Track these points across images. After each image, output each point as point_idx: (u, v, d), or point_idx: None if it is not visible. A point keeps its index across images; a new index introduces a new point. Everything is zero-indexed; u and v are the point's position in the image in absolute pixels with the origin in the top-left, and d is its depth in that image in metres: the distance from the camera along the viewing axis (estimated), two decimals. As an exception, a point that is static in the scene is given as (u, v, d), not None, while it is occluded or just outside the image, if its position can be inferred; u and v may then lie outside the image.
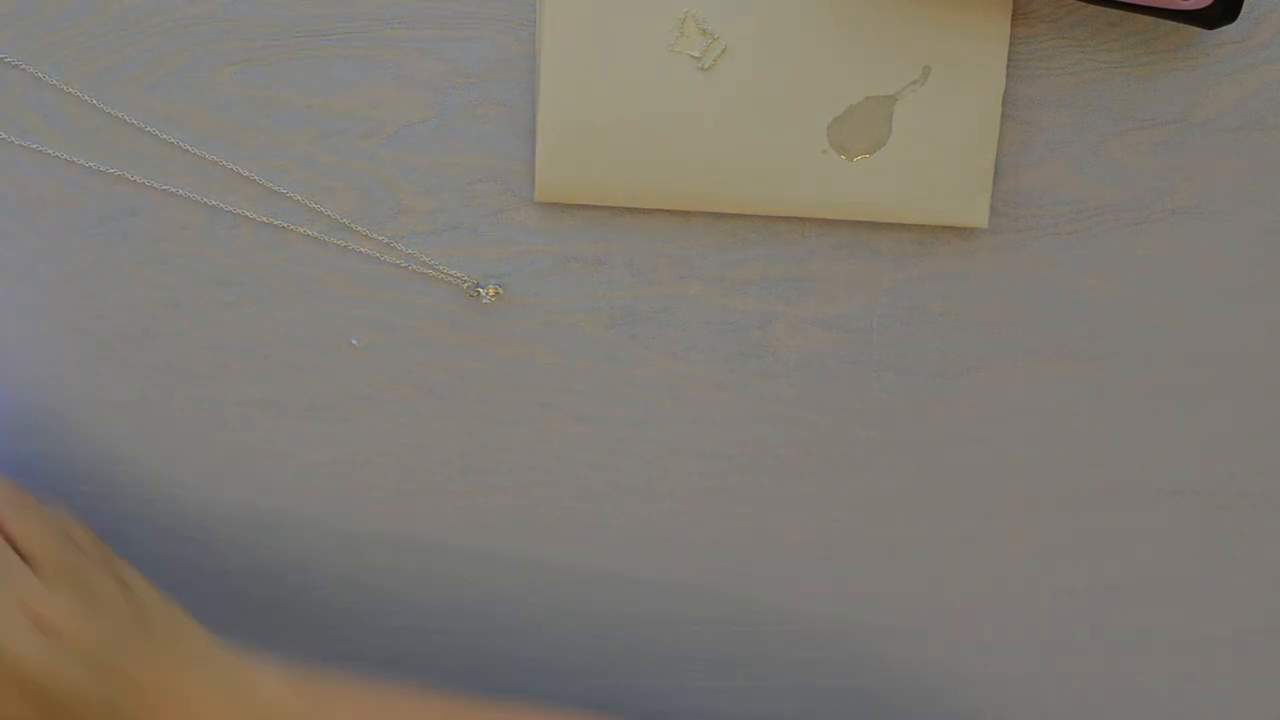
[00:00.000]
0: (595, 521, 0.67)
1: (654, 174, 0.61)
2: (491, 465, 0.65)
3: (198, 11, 0.60)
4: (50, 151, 0.61)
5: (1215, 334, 0.64)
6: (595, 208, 0.62)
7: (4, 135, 0.61)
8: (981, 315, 0.64)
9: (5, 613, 0.53)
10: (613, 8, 0.59)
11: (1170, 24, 0.60)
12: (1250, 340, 0.64)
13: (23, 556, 0.55)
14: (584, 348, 0.64)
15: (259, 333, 0.63)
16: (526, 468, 0.65)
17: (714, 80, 0.60)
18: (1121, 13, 0.59)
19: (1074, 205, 0.63)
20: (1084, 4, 0.59)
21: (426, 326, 0.63)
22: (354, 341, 0.63)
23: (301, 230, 0.62)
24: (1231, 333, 0.64)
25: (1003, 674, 0.69)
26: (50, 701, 0.53)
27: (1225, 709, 0.70)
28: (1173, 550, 0.61)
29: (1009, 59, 0.61)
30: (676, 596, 0.68)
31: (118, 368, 0.63)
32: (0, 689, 0.52)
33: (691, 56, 0.60)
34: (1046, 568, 0.67)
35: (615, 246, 0.63)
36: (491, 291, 0.63)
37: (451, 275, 0.63)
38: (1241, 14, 0.58)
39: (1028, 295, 0.64)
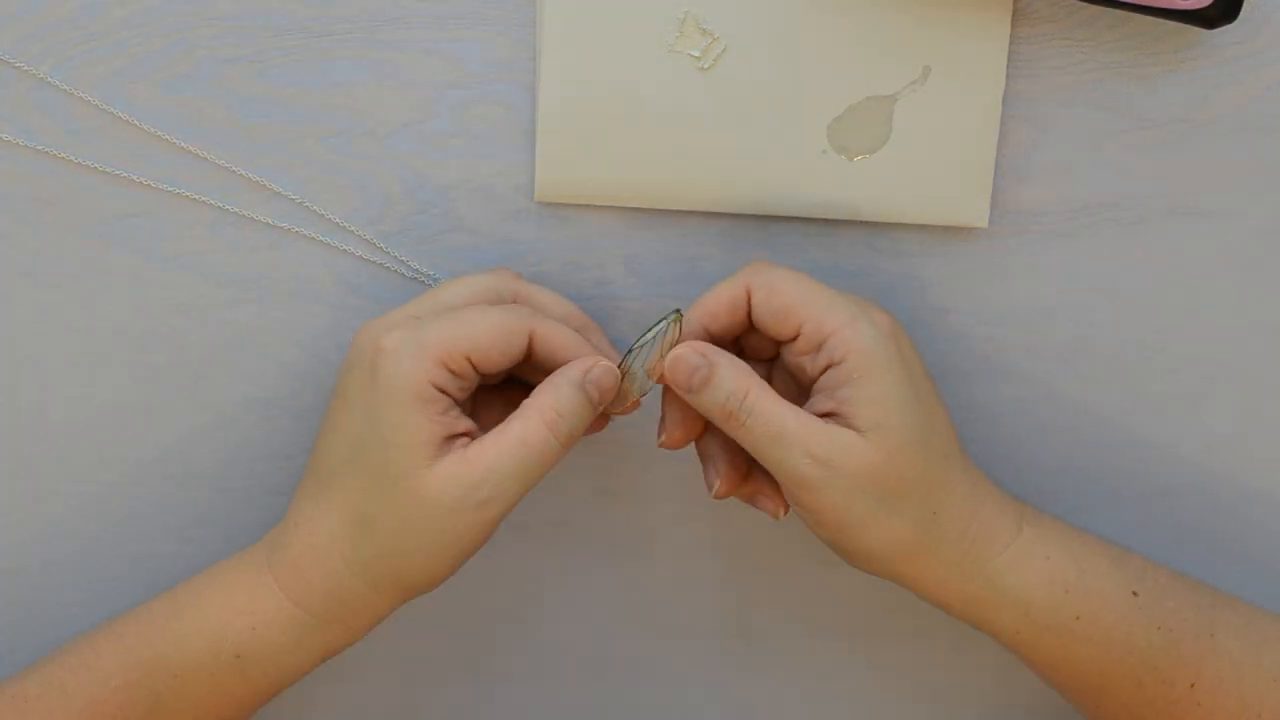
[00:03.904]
0: (594, 522, 0.67)
1: (654, 174, 0.61)
2: (491, 465, 0.65)
3: (198, 11, 0.60)
4: (52, 151, 0.61)
5: (1215, 334, 0.64)
6: (595, 208, 0.62)
7: (6, 135, 0.61)
8: (981, 315, 0.64)
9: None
10: (613, 8, 0.59)
11: (1170, 24, 0.60)
12: (1250, 340, 0.64)
13: None
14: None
15: (259, 333, 0.63)
16: (526, 468, 0.65)
17: (714, 80, 0.60)
18: (1121, 13, 0.59)
19: (1074, 205, 0.63)
20: (1084, 4, 0.59)
21: (426, 326, 0.63)
22: (355, 342, 0.63)
23: (301, 231, 0.62)
24: (1231, 333, 0.64)
25: (1004, 674, 0.69)
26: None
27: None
28: (1173, 550, 0.61)
29: (1009, 59, 0.61)
30: (676, 598, 0.68)
31: (118, 368, 0.63)
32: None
33: (691, 56, 0.60)
34: (1047, 568, 0.67)
35: (615, 246, 0.63)
36: None
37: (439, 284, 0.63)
38: (1242, 14, 0.58)
39: (1028, 295, 0.64)
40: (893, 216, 0.62)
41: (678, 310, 0.57)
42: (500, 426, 0.55)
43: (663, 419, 0.58)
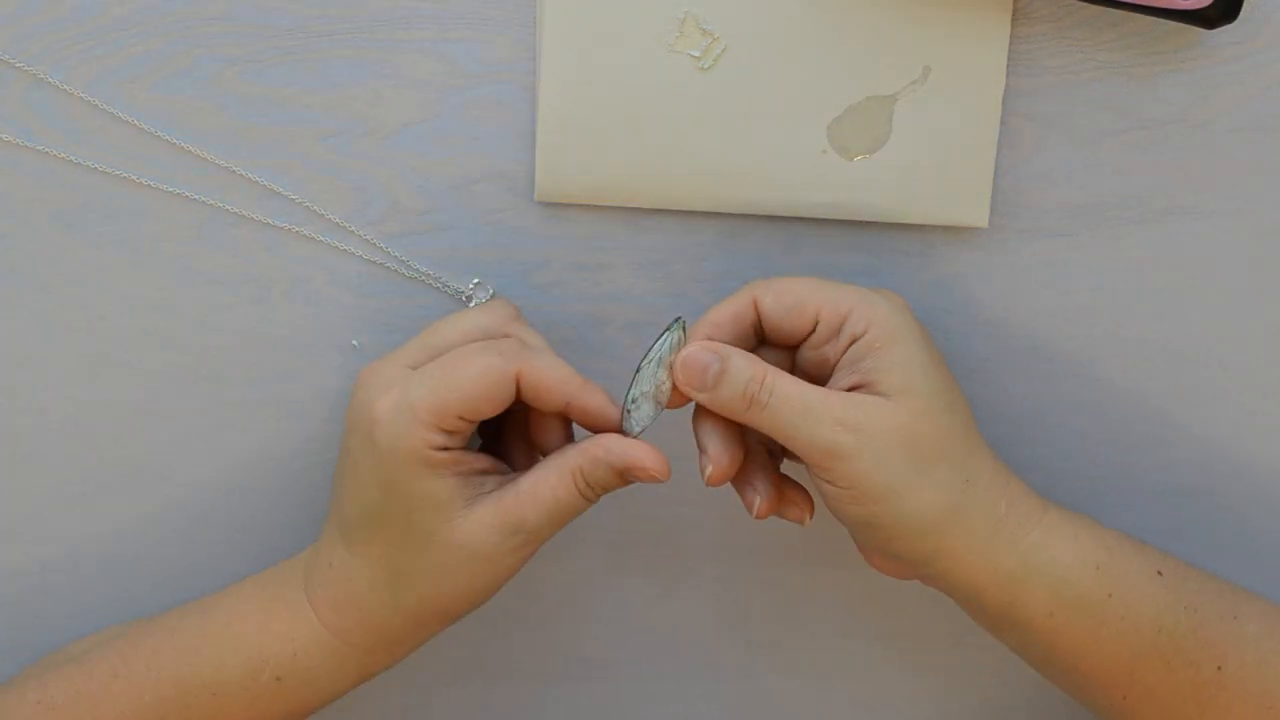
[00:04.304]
0: (594, 524, 0.67)
1: (654, 174, 0.61)
2: (491, 465, 0.65)
3: (198, 11, 0.60)
4: (50, 151, 0.61)
5: (1215, 334, 0.64)
6: (595, 208, 0.62)
7: (4, 135, 0.61)
8: (981, 315, 0.64)
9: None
10: (613, 8, 0.59)
11: (1170, 24, 0.60)
12: (1251, 340, 0.64)
13: None
14: (583, 348, 0.64)
15: (258, 333, 0.63)
16: (526, 468, 0.65)
17: (714, 80, 0.60)
18: (1121, 13, 0.60)
19: (1074, 205, 0.63)
20: (1084, 4, 0.59)
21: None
22: (354, 343, 0.63)
23: (301, 231, 0.62)
24: (1231, 333, 0.64)
25: (1005, 676, 0.69)
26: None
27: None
28: (1173, 550, 0.61)
29: (1009, 59, 0.61)
30: (676, 598, 0.68)
31: (118, 368, 0.63)
32: None
33: (691, 56, 0.60)
34: (1047, 568, 0.67)
35: (615, 246, 0.63)
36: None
37: (443, 286, 0.63)
38: (1242, 15, 0.58)
39: (1028, 295, 0.64)
40: (893, 216, 0.62)
41: (679, 318, 0.57)
42: (534, 478, 0.56)
43: (703, 452, 0.57)
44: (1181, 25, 0.59)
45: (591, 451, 0.56)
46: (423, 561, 0.55)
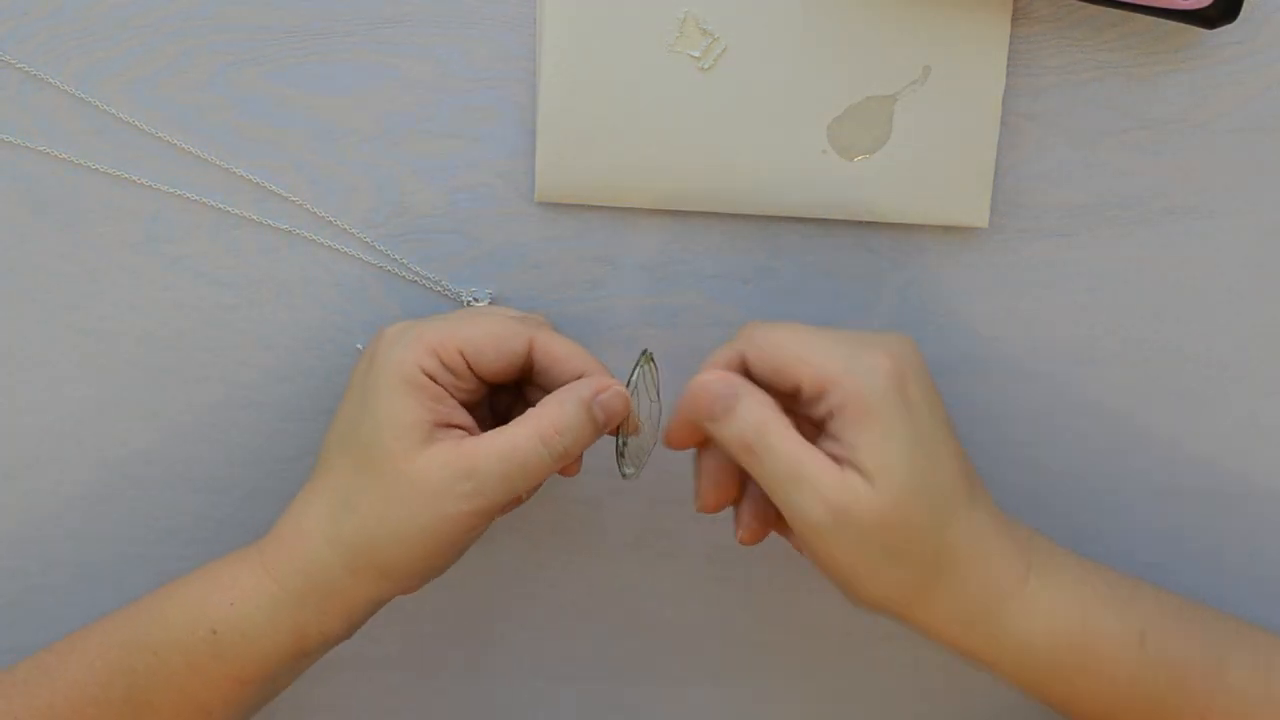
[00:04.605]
0: (595, 525, 0.67)
1: (654, 174, 0.61)
2: (491, 465, 0.65)
3: (198, 11, 0.60)
4: (51, 151, 0.61)
5: (1215, 334, 0.64)
6: (595, 208, 0.62)
7: (5, 135, 0.61)
8: (981, 315, 0.64)
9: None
10: (613, 8, 0.59)
11: (1170, 24, 0.60)
12: (1250, 340, 0.64)
13: None
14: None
15: (259, 335, 0.63)
16: (526, 468, 0.65)
17: (714, 80, 0.60)
18: (1121, 12, 0.60)
19: (1073, 205, 0.63)
20: (1084, 4, 0.59)
21: (426, 327, 0.63)
22: (357, 346, 0.63)
23: (301, 232, 0.62)
24: (1231, 333, 0.64)
25: (1003, 674, 0.69)
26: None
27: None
28: (1173, 550, 0.61)
29: (1009, 59, 0.61)
30: (678, 600, 0.68)
31: (117, 368, 0.63)
32: None
33: (691, 56, 0.60)
34: (1047, 568, 0.67)
35: (615, 246, 0.63)
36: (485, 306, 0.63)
37: (443, 289, 0.63)
38: (1242, 15, 0.58)
39: (1028, 295, 0.64)
40: (893, 216, 0.62)
41: (645, 351, 0.57)
42: (502, 427, 0.55)
43: (697, 483, 0.58)
44: (1181, 25, 0.59)
45: (562, 392, 0.56)
46: (371, 488, 0.55)
